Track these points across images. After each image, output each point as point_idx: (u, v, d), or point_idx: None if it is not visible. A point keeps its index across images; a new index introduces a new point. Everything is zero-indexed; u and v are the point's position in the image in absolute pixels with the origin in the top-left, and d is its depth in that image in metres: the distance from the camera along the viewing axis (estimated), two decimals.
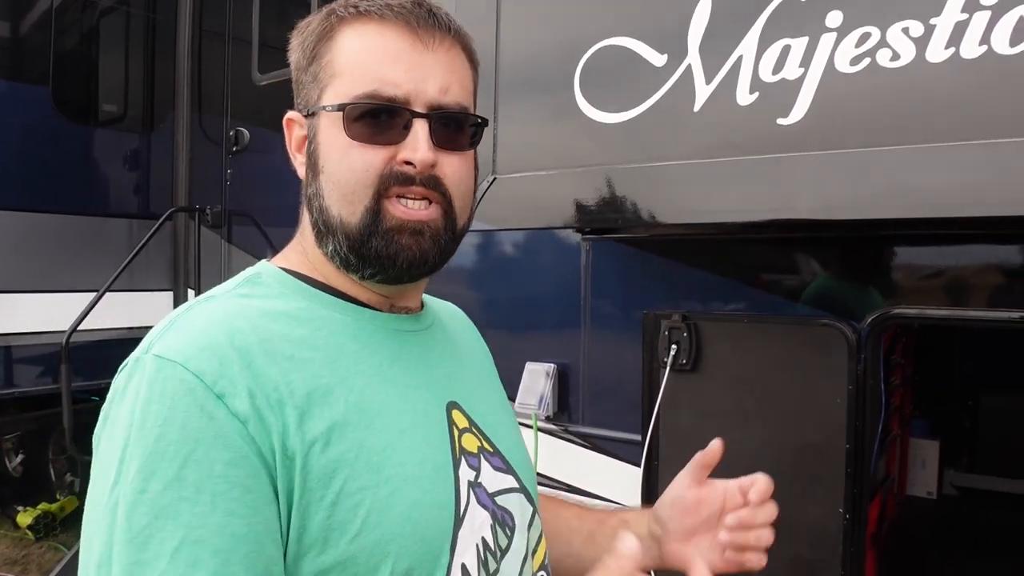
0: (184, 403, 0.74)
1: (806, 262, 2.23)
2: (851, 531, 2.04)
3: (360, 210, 0.88)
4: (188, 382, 0.75)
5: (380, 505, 0.80)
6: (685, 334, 2.27)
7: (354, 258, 0.90)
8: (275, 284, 0.92)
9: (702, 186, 1.87)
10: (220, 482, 0.73)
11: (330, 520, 0.78)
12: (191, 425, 0.74)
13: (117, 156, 4.77)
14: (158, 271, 4.66)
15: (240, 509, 0.73)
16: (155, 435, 0.73)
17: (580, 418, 2.66)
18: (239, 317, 0.83)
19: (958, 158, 1.52)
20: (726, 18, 1.78)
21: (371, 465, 0.81)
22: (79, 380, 4.15)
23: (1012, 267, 1.96)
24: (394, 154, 0.88)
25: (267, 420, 0.77)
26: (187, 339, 0.79)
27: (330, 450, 0.79)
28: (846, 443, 2.03)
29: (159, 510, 0.71)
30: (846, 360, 2.03)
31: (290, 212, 3.89)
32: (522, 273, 2.79)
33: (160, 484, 0.72)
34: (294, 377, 0.81)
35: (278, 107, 3.70)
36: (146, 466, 0.72)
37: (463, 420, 0.96)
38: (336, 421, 0.81)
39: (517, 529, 0.97)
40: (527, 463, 1.07)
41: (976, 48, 1.48)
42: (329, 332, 0.88)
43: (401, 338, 0.96)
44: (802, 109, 1.66)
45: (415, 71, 0.89)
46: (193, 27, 4.56)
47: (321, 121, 0.91)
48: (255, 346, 0.80)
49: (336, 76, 0.90)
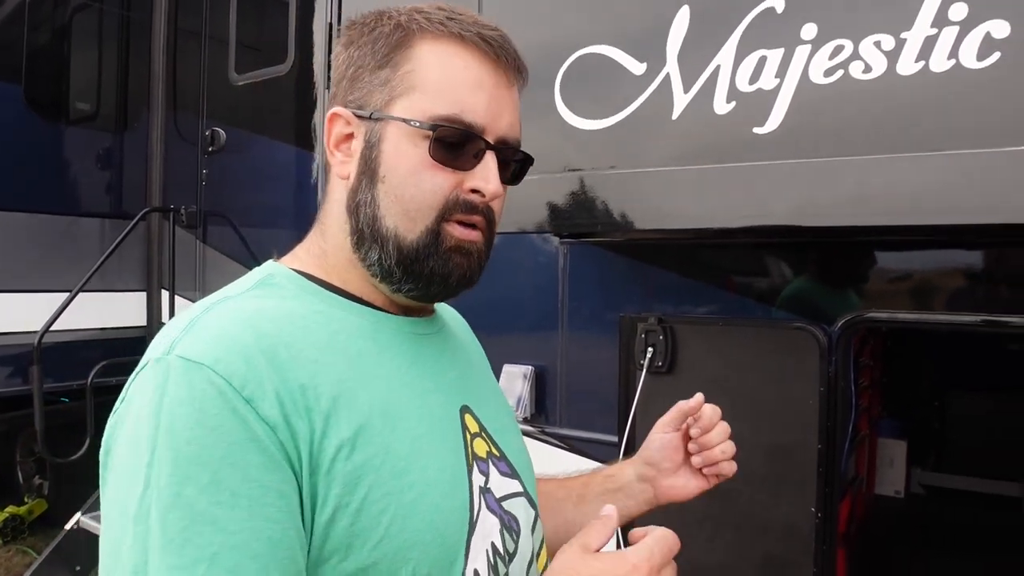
0: (216, 406, 0.72)
1: (779, 267, 2.28)
2: (823, 529, 2.08)
3: (421, 229, 0.89)
4: (218, 385, 0.73)
5: (404, 511, 0.80)
6: (661, 337, 2.30)
7: (400, 272, 0.90)
8: (291, 286, 0.90)
9: (680, 192, 1.91)
10: (255, 487, 0.72)
11: (354, 527, 0.77)
12: (224, 428, 0.72)
13: (90, 155, 4.72)
14: (131, 272, 4.61)
15: (276, 514, 0.72)
16: (186, 438, 0.71)
17: (557, 420, 2.68)
18: (262, 319, 0.81)
19: (927, 167, 1.57)
20: (704, 29, 1.81)
21: (396, 471, 0.81)
22: (49, 382, 4.09)
23: (978, 272, 2.01)
24: (461, 180, 0.89)
25: (295, 426, 0.76)
26: (212, 341, 0.77)
27: (356, 456, 0.78)
28: (818, 443, 2.07)
29: (196, 515, 0.70)
30: (818, 362, 2.07)
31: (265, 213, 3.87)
32: (500, 276, 2.80)
33: (195, 488, 0.70)
34: (320, 381, 0.80)
35: (255, 108, 3.69)
36: (179, 470, 0.71)
37: (474, 424, 0.97)
38: (362, 425, 0.80)
39: (522, 533, 0.98)
40: (529, 466, 1.08)
41: (945, 62, 1.53)
42: (348, 335, 0.87)
43: (418, 341, 0.96)
44: (777, 118, 1.70)
45: (494, 104, 0.90)
46: (168, 25, 4.52)
47: (389, 129, 0.90)
48: (281, 349, 0.79)
49: (415, 89, 0.89)
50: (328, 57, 3.57)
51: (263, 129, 4.06)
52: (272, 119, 4.00)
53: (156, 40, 4.56)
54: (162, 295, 4.50)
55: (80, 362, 4.21)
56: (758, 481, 2.19)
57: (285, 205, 3.92)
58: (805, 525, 2.10)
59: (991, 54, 1.49)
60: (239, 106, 4.18)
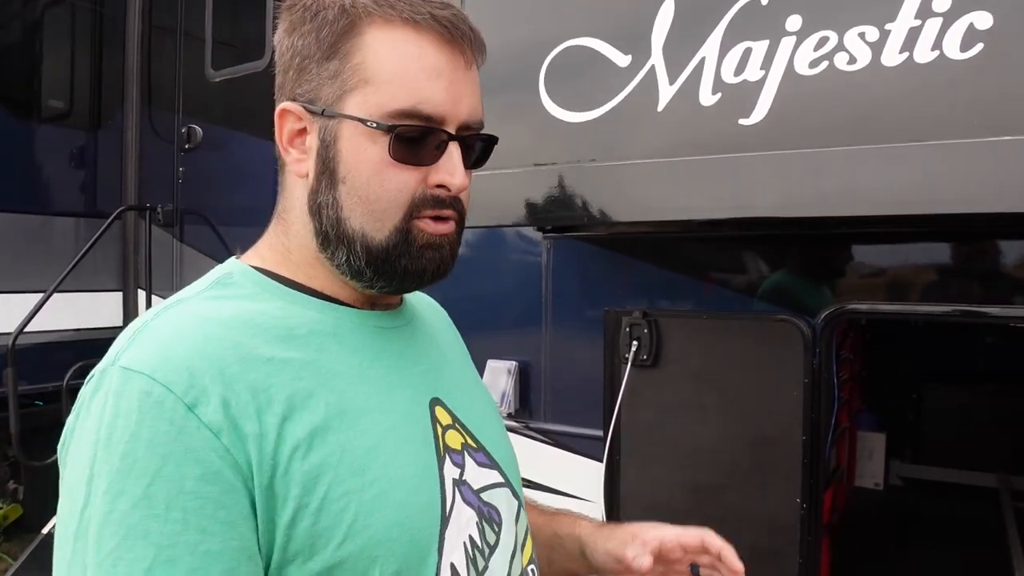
0: (151, 417, 0.71)
1: (763, 260, 2.29)
2: (808, 520, 2.10)
3: (389, 228, 0.86)
4: (156, 395, 0.72)
5: (366, 509, 0.78)
6: (646, 330, 2.31)
7: (371, 272, 0.87)
8: (248, 284, 0.88)
9: (665, 184, 1.91)
10: (191, 499, 0.70)
11: (315, 527, 0.75)
12: (158, 440, 0.70)
13: (64, 153, 4.64)
14: (107, 271, 4.55)
15: (213, 526, 0.70)
16: (121, 452, 0.70)
17: (542, 415, 2.68)
18: (210, 322, 0.79)
19: (911, 158, 1.58)
20: (689, 20, 1.82)
21: (355, 468, 0.79)
22: (24, 384, 4.02)
23: (960, 264, 2.04)
24: (425, 175, 0.86)
25: (243, 429, 0.74)
26: (155, 349, 0.75)
27: (312, 455, 0.76)
28: (802, 435, 2.09)
29: (127, 530, 0.68)
30: (802, 354, 2.09)
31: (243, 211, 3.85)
32: (484, 271, 2.80)
33: (128, 503, 0.69)
34: (273, 382, 0.78)
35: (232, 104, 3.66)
36: (113, 485, 0.69)
37: (446, 416, 0.95)
38: (317, 425, 0.78)
39: (504, 525, 0.96)
40: (511, 457, 1.06)
41: (928, 53, 1.54)
42: (308, 332, 0.85)
43: (382, 335, 0.93)
44: (763, 110, 1.71)
45: (452, 90, 0.85)
46: (142, 21, 4.46)
47: (344, 128, 0.85)
48: (229, 352, 0.77)
49: (368, 82, 0.84)
50: None
51: (240, 126, 4.02)
52: (250, 116, 3.95)
53: (130, 36, 4.50)
54: (139, 295, 4.45)
55: (55, 364, 4.14)
56: (743, 473, 2.20)
57: (263, 202, 3.81)
58: (790, 516, 2.12)
59: (974, 45, 1.50)
60: (216, 103, 4.14)
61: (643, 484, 2.35)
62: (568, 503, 2.57)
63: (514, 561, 0.97)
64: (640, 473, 2.35)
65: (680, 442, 2.29)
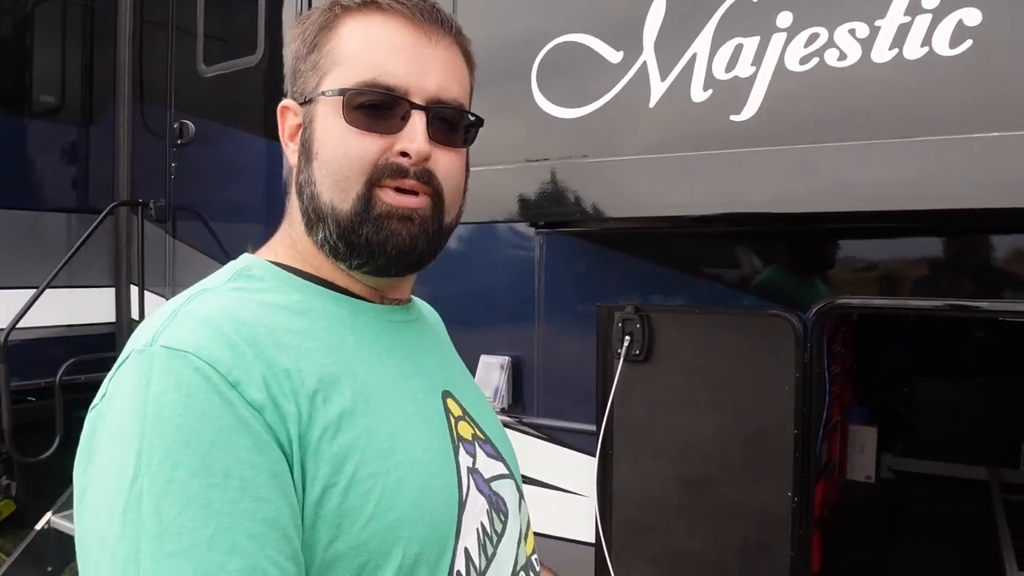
0: (202, 391, 0.73)
1: (755, 255, 2.30)
2: (799, 514, 2.11)
3: (352, 197, 0.88)
4: (203, 370, 0.74)
5: (391, 490, 0.80)
6: (638, 325, 2.31)
7: (343, 246, 0.90)
8: (268, 277, 0.91)
9: (657, 180, 1.92)
10: (246, 468, 0.72)
11: (343, 506, 0.77)
12: (212, 412, 0.72)
13: (55, 148, 4.63)
14: (99, 267, 4.53)
15: (269, 494, 0.73)
16: (175, 424, 0.71)
17: (535, 410, 2.69)
18: (241, 309, 0.82)
19: (901, 154, 1.59)
20: (680, 17, 1.82)
21: (380, 451, 0.81)
22: (16, 380, 4.02)
23: (951, 259, 2.05)
24: (390, 144, 0.88)
25: (283, 408, 0.76)
26: (196, 329, 0.77)
27: (340, 437, 0.79)
28: (794, 429, 2.10)
29: (189, 499, 0.69)
30: (793, 348, 2.10)
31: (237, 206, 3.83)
32: (476, 267, 2.80)
33: (186, 473, 0.70)
34: (303, 365, 0.80)
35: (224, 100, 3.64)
36: (169, 456, 0.70)
37: (457, 408, 0.98)
38: (345, 408, 0.81)
39: (510, 514, 0.99)
40: (511, 451, 1.09)
41: (918, 49, 1.55)
42: (327, 324, 0.88)
43: (395, 328, 0.96)
44: (754, 106, 1.72)
45: (416, 64, 0.89)
46: (134, 17, 4.44)
47: (318, 108, 0.90)
48: (263, 336, 0.80)
49: (337, 64, 0.90)
50: None
51: (233, 121, 4.01)
52: (242, 111, 3.95)
53: (122, 31, 4.47)
54: (131, 291, 4.43)
55: (48, 360, 4.14)
56: (735, 467, 2.21)
57: (256, 198, 3.88)
58: (782, 510, 2.13)
59: (964, 41, 1.51)
60: (208, 98, 4.12)
61: (635, 478, 2.36)
62: (561, 497, 2.58)
63: (519, 549, 1.00)
64: (632, 467, 2.36)
65: (672, 437, 2.30)
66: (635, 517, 2.36)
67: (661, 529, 2.32)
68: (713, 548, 2.25)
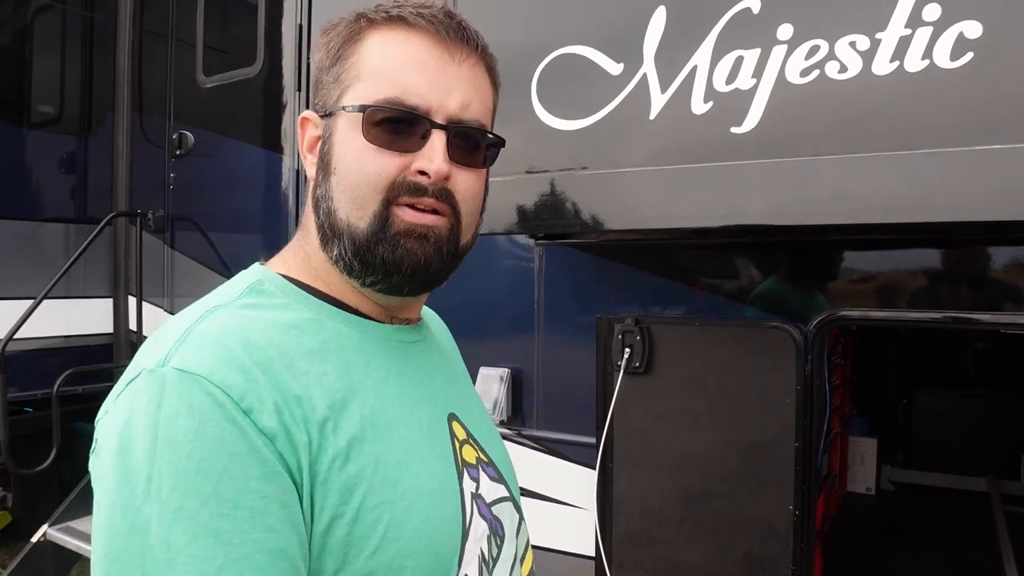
0: (215, 417, 0.72)
1: (755, 267, 2.29)
2: (801, 527, 2.10)
3: (369, 215, 0.87)
4: (216, 396, 0.72)
5: (397, 520, 0.79)
6: (638, 337, 2.31)
7: (358, 264, 0.88)
8: (280, 294, 0.89)
9: (657, 192, 1.92)
10: (257, 498, 0.71)
11: (350, 536, 0.76)
12: (224, 439, 0.71)
13: (54, 159, 4.62)
14: (97, 278, 4.52)
15: (278, 524, 0.72)
16: (186, 451, 0.70)
17: (534, 422, 2.68)
18: (253, 330, 0.81)
19: (902, 166, 1.59)
20: (681, 29, 1.82)
21: (387, 480, 0.80)
22: (13, 391, 4.00)
23: (951, 271, 2.04)
24: (409, 163, 0.87)
25: (294, 436, 0.75)
26: (208, 352, 0.76)
27: (349, 465, 0.78)
28: (795, 441, 2.09)
29: (198, 528, 0.68)
30: (794, 361, 2.09)
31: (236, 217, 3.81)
32: (476, 278, 2.79)
33: (197, 501, 0.69)
34: (313, 392, 0.79)
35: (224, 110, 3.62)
36: (180, 483, 0.69)
37: (462, 432, 0.96)
38: (354, 436, 0.80)
39: (507, 537, 0.98)
40: (512, 471, 1.08)
41: (919, 62, 1.55)
42: (337, 345, 0.87)
43: (403, 350, 0.95)
44: (755, 118, 1.72)
45: (439, 82, 0.87)
46: (133, 27, 4.44)
47: (338, 122, 0.89)
48: (275, 360, 0.78)
49: (359, 79, 0.88)
50: (298, 59, 3.54)
51: (232, 132, 4.01)
52: (241, 122, 3.94)
53: (121, 42, 4.48)
54: (129, 302, 4.42)
55: (45, 371, 4.12)
56: (736, 480, 2.20)
57: (255, 209, 3.87)
58: (783, 523, 2.12)
59: (964, 54, 1.51)
60: (207, 109, 4.12)
61: (636, 491, 2.35)
62: (561, 510, 2.57)
63: (514, 572, 0.99)
64: (633, 480, 2.35)
65: (673, 449, 2.29)
66: (635, 530, 2.35)
67: (661, 542, 2.31)
68: (714, 561, 2.24)
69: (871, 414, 4.32)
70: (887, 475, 4.30)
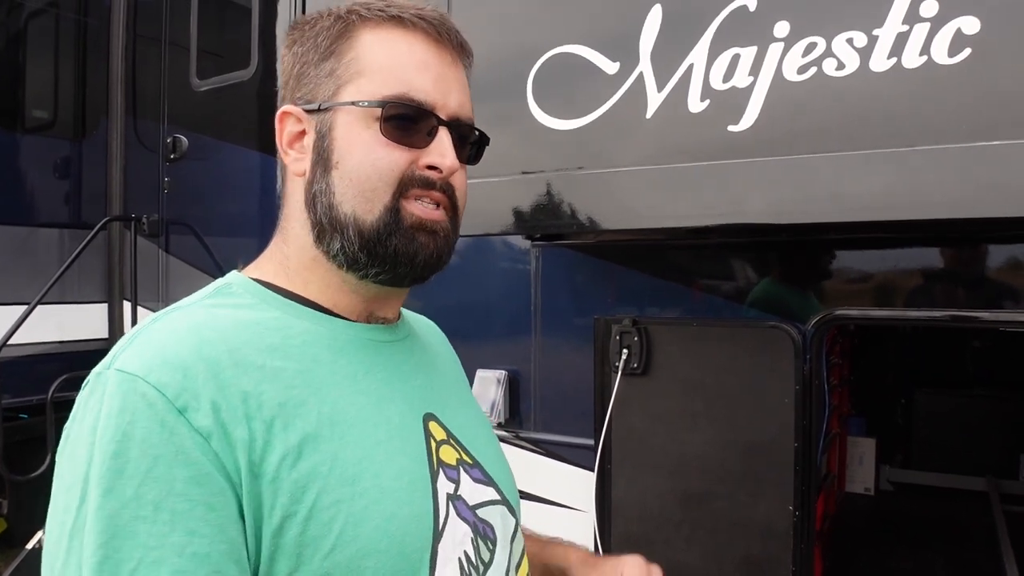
0: (144, 418, 0.71)
1: (753, 266, 2.29)
2: (800, 527, 2.09)
3: (379, 209, 0.87)
4: (148, 396, 0.72)
5: (355, 519, 0.78)
6: (636, 338, 2.30)
7: (364, 256, 0.88)
8: (247, 294, 0.89)
9: (654, 192, 1.90)
10: (181, 500, 0.70)
11: (303, 536, 0.75)
12: (151, 441, 0.71)
13: (47, 163, 4.59)
14: (92, 283, 4.50)
15: (202, 528, 0.71)
16: (113, 451, 0.70)
17: (532, 424, 2.66)
18: (206, 327, 0.81)
19: (900, 163, 1.58)
20: (677, 27, 1.81)
21: (345, 478, 0.79)
22: (8, 397, 3.98)
23: (950, 269, 2.04)
24: (416, 158, 0.89)
25: (232, 435, 0.74)
26: (150, 352, 0.76)
27: (301, 464, 0.76)
28: (794, 441, 2.08)
29: (116, 529, 0.68)
30: (793, 361, 2.08)
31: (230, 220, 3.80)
32: (472, 280, 2.78)
33: (118, 503, 0.69)
34: (265, 388, 0.78)
35: (218, 114, 3.62)
36: (104, 484, 0.69)
37: (440, 432, 0.94)
38: (308, 433, 0.78)
39: (499, 542, 0.96)
40: (508, 475, 1.06)
41: (917, 58, 1.54)
42: (302, 342, 0.86)
43: (376, 349, 0.94)
44: (752, 116, 1.71)
45: (441, 83, 0.90)
46: (127, 31, 4.43)
47: (339, 116, 0.89)
48: (224, 356, 0.78)
49: (361, 74, 0.89)
50: None
51: (226, 135, 4.00)
52: (236, 125, 3.93)
53: (114, 46, 4.47)
54: (124, 306, 4.40)
55: (40, 376, 4.09)
56: (735, 481, 2.19)
57: (250, 212, 3.86)
58: (783, 523, 2.11)
59: (962, 50, 1.50)
60: (201, 112, 4.10)
61: (634, 493, 2.33)
62: (559, 513, 2.55)
63: None
64: (631, 482, 2.33)
65: (671, 450, 2.28)
66: (634, 532, 2.34)
67: (660, 543, 2.29)
68: (713, 562, 2.23)
69: (869, 414, 4.31)
70: (886, 475, 4.29)
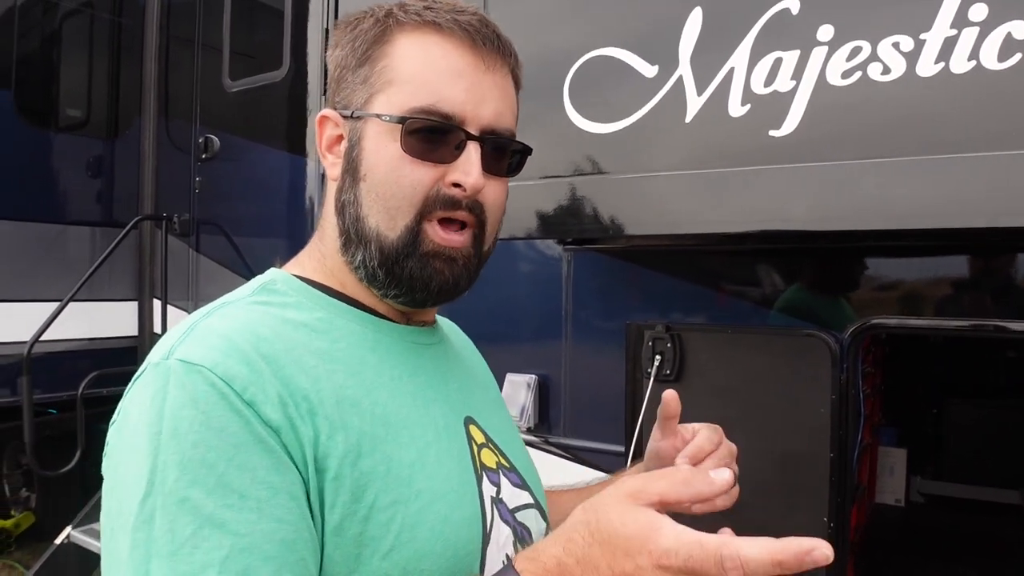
0: (219, 408, 0.71)
1: (789, 273, 2.25)
2: (835, 539, 2.05)
3: (401, 227, 0.86)
4: (218, 386, 0.72)
5: (411, 521, 0.77)
6: (669, 344, 2.27)
7: (383, 274, 0.88)
8: (291, 292, 0.89)
9: (694, 197, 1.88)
10: (264, 488, 0.70)
11: (363, 536, 0.75)
12: (230, 430, 0.70)
13: (81, 162, 4.67)
14: (123, 281, 4.55)
15: (287, 515, 0.70)
16: (192, 441, 0.69)
17: (562, 430, 2.65)
18: (261, 324, 0.80)
19: (946, 170, 1.55)
20: (717, 30, 1.79)
21: (401, 479, 0.78)
22: (39, 392, 4.03)
23: (991, 278, 1.99)
24: (443, 174, 0.87)
25: (299, 430, 0.74)
26: (212, 344, 0.75)
27: (361, 463, 0.76)
28: (830, 452, 2.05)
29: (204, 519, 0.67)
30: (829, 370, 2.05)
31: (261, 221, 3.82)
32: (504, 284, 2.77)
33: (202, 492, 0.68)
34: (322, 387, 0.78)
35: (249, 114, 3.63)
36: (185, 474, 0.68)
37: (480, 435, 0.95)
38: (365, 433, 0.78)
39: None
40: (537, 479, 1.06)
41: (965, 63, 1.51)
42: (348, 344, 0.86)
43: (418, 351, 0.94)
44: (794, 121, 1.68)
45: (474, 92, 0.87)
46: (160, 32, 4.48)
47: (368, 127, 0.88)
48: (282, 354, 0.78)
49: (392, 84, 0.87)
50: (324, 63, 3.55)
51: (258, 136, 4.02)
52: (267, 126, 3.95)
53: (148, 46, 4.51)
54: (154, 305, 4.44)
55: (70, 373, 4.15)
56: (769, 491, 2.16)
57: (280, 213, 3.88)
58: (817, 535, 2.05)
59: (1012, 55, 1.47)
60: (233, 113, 4.13)
61: None
62: None
63: None
64: None
65: None
66: None
67: None
68: None
69: (901, 424, 4.25)
70: (917, 487, 4.22)
